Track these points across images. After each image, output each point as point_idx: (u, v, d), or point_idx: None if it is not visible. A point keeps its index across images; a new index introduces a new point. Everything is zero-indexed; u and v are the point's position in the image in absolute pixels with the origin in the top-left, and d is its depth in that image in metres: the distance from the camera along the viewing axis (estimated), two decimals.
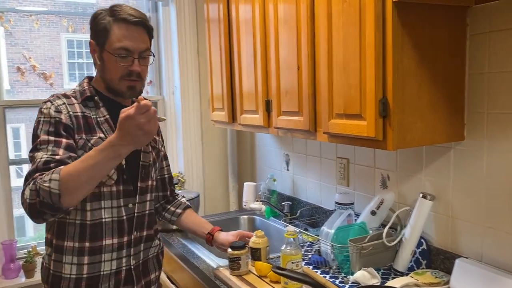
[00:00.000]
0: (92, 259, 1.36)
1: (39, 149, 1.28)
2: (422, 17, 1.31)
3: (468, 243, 1.50)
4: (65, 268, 1.35)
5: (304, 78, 1.62)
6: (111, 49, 1.35)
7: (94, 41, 1.38)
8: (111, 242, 1.38)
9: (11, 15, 2.52)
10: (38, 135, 1.31)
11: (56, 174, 1.19)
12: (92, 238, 1.36)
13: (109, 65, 1.37)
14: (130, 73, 1.37)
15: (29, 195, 1.20)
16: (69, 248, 1.35)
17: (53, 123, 1.31)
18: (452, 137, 1.45)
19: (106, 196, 1.37)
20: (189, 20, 2.77)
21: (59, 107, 1.34)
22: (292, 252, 1.56)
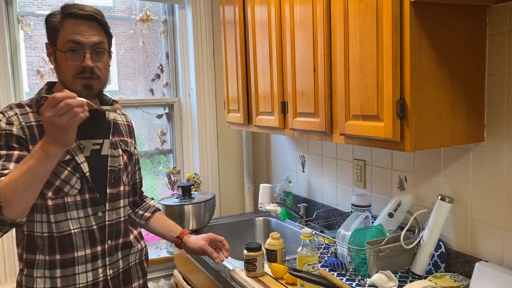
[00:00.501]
0: (65, 271, 1.30)
1: None
2: (440, 17, 1.30)
3: (488, 246, 1.47)
4: (37, 282, 1.29)
5: (320, 79, 1.62)
6: (61, 46, 1.28)
7: (48, 43, 1.33)
8: (84, 253, 1.32)
9: (31, 19, 2.57)
10: None
11: None
12: (62, 250, 1.30)
13: (61, 64, 1.30)
14: (83, 70, 1.28)
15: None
16: (41, 262, 1.30)
17: (4, 136, 1.26)
18: (471, 138, 1.43)
19: (71, 207, 1.31)
20: (205, 23, 2.78)
21: (11, 119, 1.28)
22: (309, 254, 1.56)
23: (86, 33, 1.29)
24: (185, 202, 2.29)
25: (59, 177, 1.29)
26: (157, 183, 2.98)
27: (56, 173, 1.28)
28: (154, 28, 2.91)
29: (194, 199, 2.34)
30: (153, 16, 2.86)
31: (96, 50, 1.31)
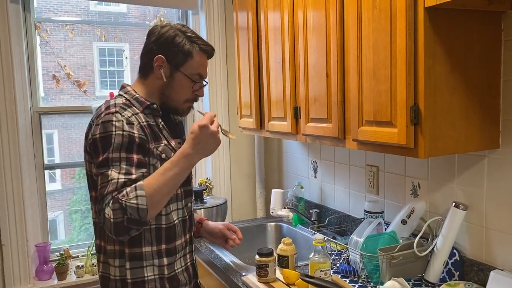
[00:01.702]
0: (170, 259, 1.43)
1: (111, 166, 1.27)
2: (455, 23, 1.29)
3: (504, 254, 1.45)
4: (147, 270, 1.38)
5: (333, 85, 1.62)
6: (188, 73, 1.43)
7: (165, 58, 1.41)
8: (181, 241, 1.47)
9: (47, 25, 2.61)
10: (109, 150, 1.28)
11: (141, 190, 1.24)
12: (167, 240, 1.42)
13: (178, 85, 1.44)
14: (195, 98, 1.49)
15: (113, 215, 1.21)
16: (148, 253, 1.38)
17: (127, 137, 1.30)
18: (486, 145, 1.41)
19: (174, 199, 1.44)
20: (218, 28, 2.81)
21: (130, 119, 1.34)
22: (321, 260, 1.55)
23: (206, 69, 1.50)
24: (197, 207, 2.30)
25: None
26: None
27: None
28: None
29: (206, 203, 2.35)
30: (167, 22, 2.89)
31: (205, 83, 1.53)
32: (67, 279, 2.50)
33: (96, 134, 1.31)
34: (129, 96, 1.43)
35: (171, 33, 1.42)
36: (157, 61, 1.42)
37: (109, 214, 1.22)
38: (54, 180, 3.48)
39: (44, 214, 2.56)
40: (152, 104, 1.43)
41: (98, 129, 1.31)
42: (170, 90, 1.45)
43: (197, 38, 1.45)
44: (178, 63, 1.42)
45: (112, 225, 1.22)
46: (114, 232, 1.23)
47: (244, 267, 1.86)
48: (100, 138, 1.30)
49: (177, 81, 1.44)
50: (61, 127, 3.95)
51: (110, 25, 3.03)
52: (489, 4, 1.27)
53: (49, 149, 3.82)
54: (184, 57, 1.42)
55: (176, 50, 1.41)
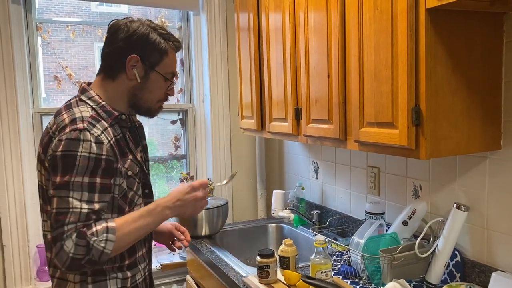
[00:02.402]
0: (133, 272, 1.37)
1: (71, 190, 1.17)
2: (456, 24, 1.29)
3: (505, 256, 1.45)
4: (111, 284, 1.31)
5: (335, 86, 1.62)
6: (164, 72, 1.35)
7: (139, 57, 1.30)
8: (141, 253, 1.41)
9: (49, 25, 2.62)
10: (71, 173, 1.18)
11: (112, 235, 1.20)
12: (129, 256, 1.35)
13: (153, 86, 1.35)
14: (167, 97, 1.41)
15: (74, 250, 1.15)
16: (110, 269, 1.32)
17: (93, 161, 1.19)
18: (487, 146, 1.41)
19: None
20: (219, 29, 2.81)
21: (100, 138, 1.22)
22: (322, 261, 1.55)
23: (176, 65, 1.41)
24: None
25: (132, 189, 1.34)
26: (170, 188, 2.99)
27: (130, 186, 1.33)
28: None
29: (207, 205, 2.35)
30: (168, 23, 2.89)
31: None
32: None
33: (57, 152, 1.19)
34: (94, 103, 1.30)
35: (144, 31, 1.30)
36: (131, 60, 1.30)
37: (69, 247, 1.15)
38: None
39: None
40: (121, 115, 1.32)
41: (61, 146, 1.19)
42: (144, 91, 1.34)
43: (168, 34, 1.35)
44: (154, 63, 1.32)
45: (68, 260, 1.15)
46: (68, 267, 1.16)
47: (245, 268, 1.86)
48: (62, 156, 1.18)
49: (152, 81, 1.34)
50: None
51: None
52: (491, 5, 1.26)
53: None
54: (160, 56, 1.33)
55: (151, 48, 1.31)
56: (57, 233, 1.16)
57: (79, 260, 1.16)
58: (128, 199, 1.32)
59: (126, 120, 1.34)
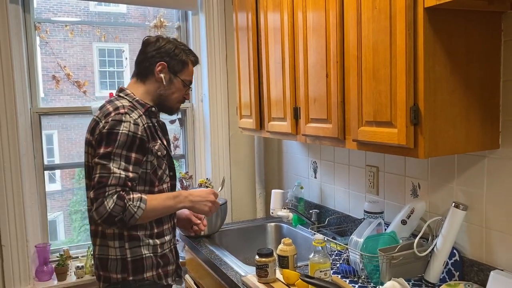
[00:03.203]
0: (161, 240, 1.63)
1: (112, 159, 1.45)
2: (455, 23, 1.29)
3: (504, 254, 1.45)
4: (144, 249, 1.58)
5: (333, 85, 1.62)
6: (184, 79, 1.69)
7: (167, 64, 1.64)
8: (168, 227, 1.67)
9: (47, 25, 2.61)
10: (113, 145, 1.46)
11: (143, 204, 1.47)
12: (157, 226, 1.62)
13: (175, 89, 1.68)
14: (184, 99, 1.75)
15: (113, 208, 1.41)
16: (142, 235, 1.58)
17: (131, 137, 1.49)
18: (486, 145, 1.41)
19: (165, 192, 1.65)
20: (218, 29, 2.81)
21: (137, 121, 1.52)
22: (321, 260, 1.55)
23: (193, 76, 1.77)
24: None
25: (161, 168, 1.62)
26: None
27: (159, 165, 1.60)
28: (167, 35, 2.94)
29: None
30: (167, 22, 2.89)
31: None
32: (67, 280, 2.50)
33: (104, 130, 1.48)
34: (130, 98, 1.61)
35: (171, 46, 1.66)
36: (159, 67, 1.63)
37: (110, 205, 1.41)
38: (54, 180, 3.48)
39: (44, 215, 2.56)
40: (151, 107, 1.63)
41: (108, 126, 1.48)
42: (168, 92, 1.67)
43: (188, 50, 1.71)
44: (177, 70, 1.67)
45: (106, 214, 1.41)
46: (103, 220, 1.42)
47: (244, 268, 1.86)
48: (107, 133, 1.48)
49: (175, 85, 1.67)
50: (61, 128, 3.94)
51: (109, 26, 3.03)
52: (489, 4, 1.27)
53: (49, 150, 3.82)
54: (182, 66, 1.68)
55: (175, 59, 1.66)
56: (100, 191, 1.42)
57: (114, 217, 1.42)
58: (157, 175, 1.60)
59: (155, 112, 1.66)
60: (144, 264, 1.58)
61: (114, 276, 1.56)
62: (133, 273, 1.57)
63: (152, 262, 1.60)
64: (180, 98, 1.72)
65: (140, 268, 1.57)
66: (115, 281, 1.57)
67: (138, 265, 1.57)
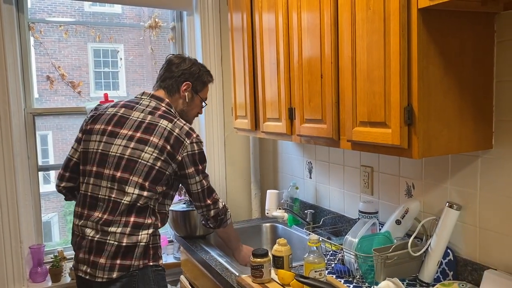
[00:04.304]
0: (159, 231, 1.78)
1: (206, 172, 1.80)
2: (448, 24, 1.30)
3: (497, 254, 1.46)
4: (157, 238, 1.72)
5: (328, 86, 1.62)
6: (203, 97, 1.92)
7: (191, 84, 1.85)
8: None
9: (41, 25, 2.60)
10: (204, 163, 1.77)
11: (230, 220, 1.97)
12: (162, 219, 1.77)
13: (194, 105, 1.90)
14: (198, 114, 1.96)
15: (222, 209, 1.88)
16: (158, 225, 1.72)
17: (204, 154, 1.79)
18: (479, 146, 1.42)
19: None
20: (213, 29, 2.80)
21: None
22: (315, 260, 1.55)
23: None
24: (192, 208, 2.29)
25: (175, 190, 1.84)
26: None
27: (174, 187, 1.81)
28: (162, 35, 2.94)
29: None
30: (162, 23, 2.89)
31: None
32: (61, 281, 2.49)
33: (195, 151, 1.72)
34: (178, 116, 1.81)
35: (196, 68, 1.87)
36: (185, 85, 1.83)
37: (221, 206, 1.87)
38: (49, 181, 3.47)
39: (38, 216, 2.55)
40: None
41: (196, 147, 1.72)
42: (188, 108, 1.88)
43: (208, 71, 1.93)
44: (198, 89, 1.89)
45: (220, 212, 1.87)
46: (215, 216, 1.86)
47: (239, 268, 1.86)
48: (198, 153, 1.73)
49: (195, 102, 1.89)
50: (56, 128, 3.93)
51: (104, 26, 3.02)
52: (482, 5, 1.27)
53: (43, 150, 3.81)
54: (203, 85, 1.91)
55: (199, 80, 1.88)
56: (214, 199, 1.84)
57: (220, 216, 1.88)
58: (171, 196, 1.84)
59: None
60: (158, 252, 1.70)
61: (137, 264, 1.62)
62: (153, 258, 1.66)
63: (160, 250, 1.73)
64: (197, 113, 1.94)
65: (157, 255, 1.69)
66: (136, 268, 1.62)
67: (156, 251, 1.68)
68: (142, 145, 1.66)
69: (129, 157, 1.65)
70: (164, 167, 1.67)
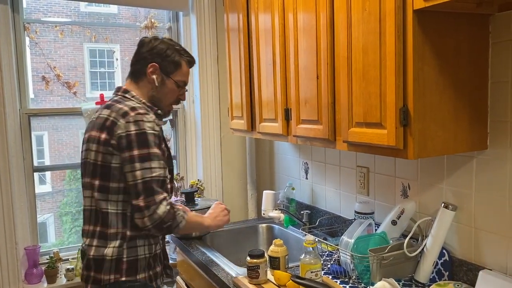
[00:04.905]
0: (155, 240, 1.64)
1: (153, 160, 1.50)
2: (444, 25, 1.30)
3: (492, 254, 1.46)
4: (139, 250, 1.57)
5: (324, 87, 1.63)
6: (177, 79, 1.68)
7: (159, 66, 1.63)
8: None
9: (37, 26, 2.60)
10: (148, 146, 1.49)
11: (186, 216, 1.59)
12: None
13: (167, 90, 1.67)
14: (178, 101, 1.74)
15: (166, 215, 1.49)
16: (142, 235, 1.58)
17: (157, 136, 1.53)
18: (474, 146, 1.43)
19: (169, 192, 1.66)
20: (209, 30, 2.80)
21: (155, 120, 1.56)
22: (312, 261, 1.55)
23: (189, 77, 1.77)
24: (190, 207, 2.29)
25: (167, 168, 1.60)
26: None
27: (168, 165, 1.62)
28: (159, 36, 2.93)
29: (197, 205, 2.34)
30: (158, 23, 2.88)
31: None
32: (57, 282, 2.48)
33: (131, 131, 1.48)
34: (137, 100, 1.62)
35: (164, 46, 1.65)
36: (151, 67, 1.63)
37: (164, 212, 1.48)
38: (44, 182, 3.46)
39: (33, 217, 2.54)
40: (157, 110, 1.66)
41: (134, 127, 1.48)
42: (160, 93, 1.66)
43: (183, 51, 1.69)
44: (169, 71, 1.66)
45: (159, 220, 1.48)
46: (155, 226, 1.48)
47: (235, 269, 1.86)
48: (136, 134, 1.48)
49: (167, 86, 1.67)
50: (51, 129, 3.91)
51: (100, 26, 3.02)
52: (477, 6, 1.28)
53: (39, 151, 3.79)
54: (175, 67, 1.66)
55: (168, 60, 1.65)
56: (150, 199, 1.47)
57: (164, 223, 1.49)
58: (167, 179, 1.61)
59: (161, 115, 1.69)
60: (138, 265, 1.57)
61: (107, 278, 1.54)
62: (126, 273, 1.54)
63: (145, 263, 1.59)
64: (174, 99, 1.71)
65: (134, 269, 1.56)
66: (106, 283, 1.54)
67: (132, 265, 1.55)
68: (90, 144, 1.57)
69: (85, 160, 1.59)
70: (107, 160, 1.51)
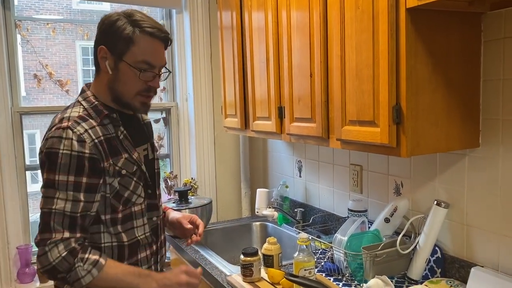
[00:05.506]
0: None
1: (57, 189, 1.17)
2: (436, 24, 1.31)
3: (484, 251, 1.48)
4: None
5: (317, 85, 1.63)
6: (132, 62, 1.25)
7: (107, 48, 1.25)
8: (145, 254, 1.38)
9: (28, 23, 2.57)
10: (55, 171, 1.17)
11: (96, 270, 1.18)
12: (129, 256, 1.33)
13: (125, 77, 1.27)
14: (149, 89, 1.30)
15: (59, 263, 1.15)
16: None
17: (75, 158, 1.18)
18: (467, 144, 1.44)
19: (138, 215, 1.34)
20: (202, 28, 2.79)
21: (82, 136, 1.20)
22: (305, 259, 1.56)
23: (159, 55, 1.29)
24: (182, 207, 2.29)
25: (128, 189, 1.30)
26: None
27: (125, 185, 1.29)
28: None
29: (191, 204, 2.34)
30: None
31: (162, 72, 1.34)
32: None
33: (44, 149, 1.21)
34: (87, 104, 1.29)
35: (112, 19, 1.25)
36: (100, 52, 1.27)
37: (54, 257, 1.15)
38: (36, 181, 3.43)
39: (25, 216, 2.52)
40: (112, 114, 1.30)
41: (46, 144, 1.20)
42: (117, 83, 1.28)
43: (142, 21, 1.25)
44: (120, 52, 1.25)
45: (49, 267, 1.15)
46: (45, 271, 1.16)
47: (229, 267, 1.86)
48: (46, 154, 1.20)
49: (123, 72, 1.26)
50: (44, 127, 3.88)
51: (93, 24, 3.00)
52: (469, 5, 1.29)
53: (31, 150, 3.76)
54: (126, 44, 1.24)
55: (116, 37, 1.24)
56: (43, 237, 1.16)
57: (57, 272, 1.16)
58: (123, 198, 1.29)
59: (117, 119, 1.31)
60: None
61: None
62: None
63: None
64: (138, 88, 1.28)
65: None
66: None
67: None
68: None
69: None
70: None
